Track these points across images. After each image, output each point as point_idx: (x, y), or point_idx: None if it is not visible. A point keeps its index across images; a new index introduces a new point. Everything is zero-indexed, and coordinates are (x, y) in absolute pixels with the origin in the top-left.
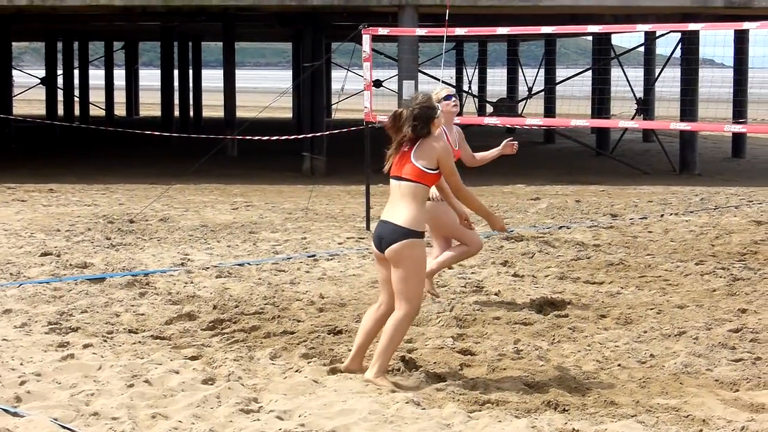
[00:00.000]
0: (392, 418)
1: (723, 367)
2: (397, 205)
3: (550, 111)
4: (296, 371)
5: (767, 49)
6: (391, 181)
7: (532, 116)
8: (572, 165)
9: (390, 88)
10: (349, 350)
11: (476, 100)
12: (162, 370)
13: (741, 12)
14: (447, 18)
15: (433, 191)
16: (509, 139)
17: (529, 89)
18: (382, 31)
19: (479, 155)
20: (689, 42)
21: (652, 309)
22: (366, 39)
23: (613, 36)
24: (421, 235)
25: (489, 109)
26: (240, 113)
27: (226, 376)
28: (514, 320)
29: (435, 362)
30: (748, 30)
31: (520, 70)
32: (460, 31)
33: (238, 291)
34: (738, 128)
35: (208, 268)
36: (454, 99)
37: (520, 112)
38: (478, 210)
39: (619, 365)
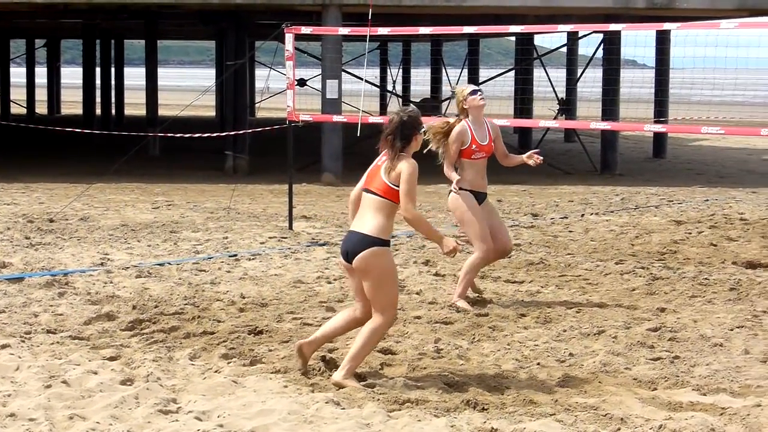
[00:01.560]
0: (312, 418)
1: (641, 366)
2: (365, 216)
3: None
4: (216, 372)
5: (687, 50)
6: (363, 192)
7: (455, 116)
8: (494, 164)
9: (314, 87)
10: (270, 350)
11: (400, 99)
12: (80, 371)
13: (663, 13)
14: (370, 17)
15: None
16: (535, 150)
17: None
18: (305, 30)
19: (510, 157)
20: (611, 42)
21: (571, 308)
22: (289, 38)
23: (536, 36)
24: (386, 243)
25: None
26: (163, 111)
27: (145, 376)
28: (434, 319)
29: None
30: (669, 31)
31: (443, 70)
32: (383, 31)
33: (158, 291)
34: (658, 128)
35: (128, 267)
36: (480, 93)
37: (443, 112)
38: (427, 234)
39: (538, 364)
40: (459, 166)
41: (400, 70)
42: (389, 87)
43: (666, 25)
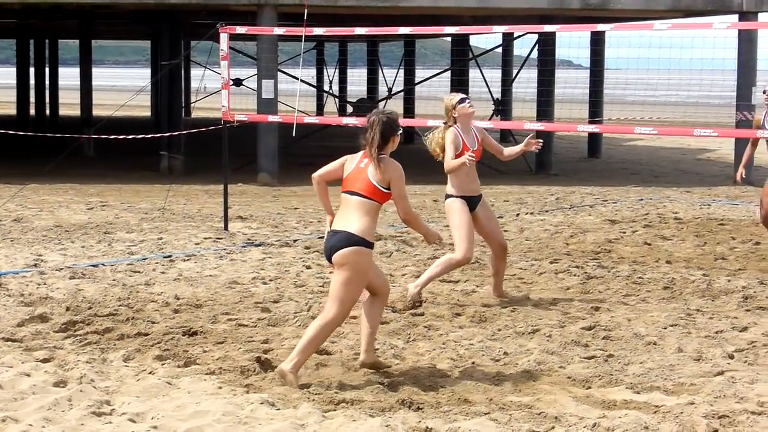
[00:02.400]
0: (246, 419)
1: (576, 365)
2: (350, 216)
3: (409, 111)
4: (150, 373)
5: (621, 51)
6: (344, 194)
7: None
8: (430, 165)
9: (250, 87)
10: (204, 351)
11: (337, 100)
12: (12, 373)
13: (597, 14)
14: (305, 18)
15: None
16: (531, 135)
17: (389, 90)
18: (240, 29)
19: (506, 150)
20: (546, 43)
21: (506, 307)
22: (223, 38)
23: (471, 37)
24: (371, 245)
25: (350, 109)
26: (98, 112)
27: (78, 378)
28: None
29: None
30: (603, 31)
31: (380, 71)
32: (318, 31)
33: (92, 292)
34: (591, 128)
35: (61, 269)
36: (469, 101)
37: None
38: (421, 230)
39: (473, 363)
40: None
41: (337, 71)
42: (326, 87)
43: (600, 26)
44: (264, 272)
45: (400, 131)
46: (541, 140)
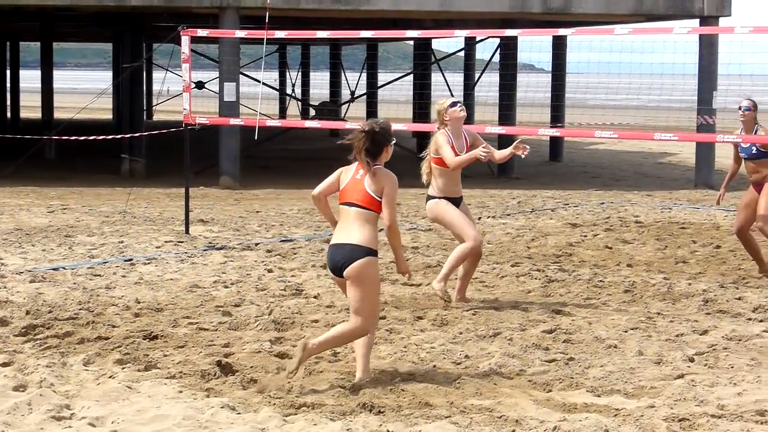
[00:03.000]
0: (207, 424)
1: (536, 368)
2: (351, 227)
3: (372, 115)
4: (110, 377)
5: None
6: (342, 206)
7: (354, 120)
8: (393, 168)
9: (213, 90)
10: (165, 355)
11: (299, 103)
12: None
13: (559, 18)
14: (267, 21)
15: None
16: (520, 140)
17: (352, 93)
18: (202, 32)
19: (497, 153)
20: (508, 47)
21: (468, 310)
22: (185, 40)
23: (434, 41)
24: (376, 254)
25: (312, 112)
26: (59, 114)
27: (38, 382)
28: (332, 323)
29: (252, 366)
30: (565, 36)
31: (342, 74)
32: (280, 34)
33: (52, 296)
34: (552, 132)
35: (22, 272)
36: (460, 105)
37: (342, 115)
38: (397, 248)
39: (434, 366)
40: (434, 174)
41: (299, 74)
42: (288, 90)
43: (561, 31)
44: (225, 276)
45: (394, 140)
46: (528, 146)
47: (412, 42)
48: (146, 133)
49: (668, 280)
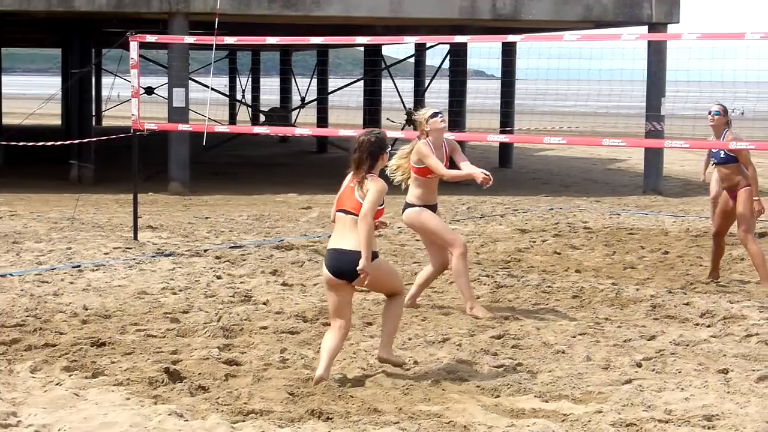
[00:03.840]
0: (154, 431)
1: (485, 373)
2: (348, 234)
3: (323, 121)
4: (57, 384)
5: (532, 61)
6: (338, 213)
7: (305, 126)
8: (344, 174)
9: (162, 96)
10: (112, 362)
11: (249, 109)
12: None
13: (508, 24)
14: (216, 27)
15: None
16: (488, 179)
17: (302, 99)
18: (150, 38)
19: (464, 167)
20: (457, 54)
21: (417, 316)
22: (133, 46)
23: (384, 47)
24: (377, 254)
25: (262, 118)
26: (7, 120)
27: None
28: (281, 329)
29: (200, 373)
30: (514, 42)
31: (293, 80)
32: (230, 40)
33: None
34: (501, 138)
35: None
36: (441, 116)
37: (293, 121)
38: (366, 244)
39: (383, 372)
40: (412, 182)
41: (250, 79)
42: (238, 96)
43: (510, 38)
44: (174, 282)
45: (389, 149)
46: (492, 180)
47: (362, 48)
48: (95, 139)
49: (616, 285)
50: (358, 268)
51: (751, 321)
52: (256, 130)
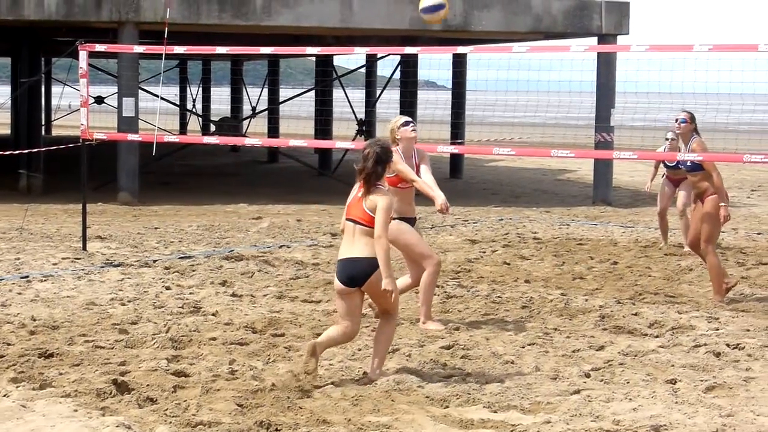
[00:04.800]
0: None
1: (434, 384)
2: (357, 242)
3: (274, 131)
4: (4, 396)
5: (481, 72)
6: (347, 222)
7: (256, 135)
8: (295, 184)
9: (112, 105)
10: (60, 374)
11: (200, 119)
12: None
13: (459, 35)
14: (166, 36)
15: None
16: (444, 204)
17: (253, 108)
18: (100, 47)
19: (423, 182)
20: (408, 65)
21: (366, 326)
22: (83, 55)
23: (336, 57)
24: None
25: (213, 128)
26: None
27: None
28: (230, 341)
29: (148, 384)
30: (465, 53)
31: (244, 89)
32: (179, 49)
33: None
34: (451, 149)
35: None
36: (412, 125)
37: (244, 131)
38: (384, 265)
39: (332, 383)
40: None
41: (200, 89)
42: (189, 105)
43: (460, 49)
44: (122, 293)
45: (393, 156)
46: (449, 212)
47: (314, 58)
48: (44, 149)
49: (565, 296)
50: (382, 288)
51: (700, 331)
52: (206, 140)
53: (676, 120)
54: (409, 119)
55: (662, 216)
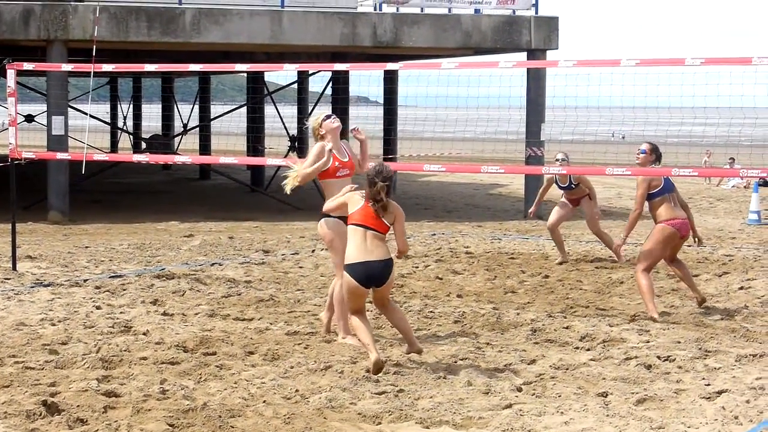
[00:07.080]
0: None
1: (366, 401)
2: (375, 246)
3: (205, 148)
4: None
5: (411, 89)
6: (357, 227)
7: (187, 153)
8: (227, 201)
9: (42, 123)
10: None
11: (131, 136)
12: None
13: (389, 51)
14: (94, 53)
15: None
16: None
17: (184, 125)
18: (28, 65)
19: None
20: (339, 81)
21: (299, 344)
22: (10, 74)
23: (268, 73)
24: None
25: (144, 145)
26: None
27: None
28: (161, 360)
29: (79, 405)
30: (396, 69)
31: (175, 106)
32: (108, 67)
33: None
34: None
35: None
36: (333, 117)
37: (175, 148)
38: (403, 245)
39: (264, 402)
40: (324, 189)
41: (131, 106)
42: (120, 123)
43: (389, 65)
44: (52, 313)
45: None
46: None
47: (245, 74)
48: None
49: (497, 310)
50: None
51: (630, 344)
52: (136, 158)
53: (638, 150)
54: (330, 113)
55: (553, 230)
